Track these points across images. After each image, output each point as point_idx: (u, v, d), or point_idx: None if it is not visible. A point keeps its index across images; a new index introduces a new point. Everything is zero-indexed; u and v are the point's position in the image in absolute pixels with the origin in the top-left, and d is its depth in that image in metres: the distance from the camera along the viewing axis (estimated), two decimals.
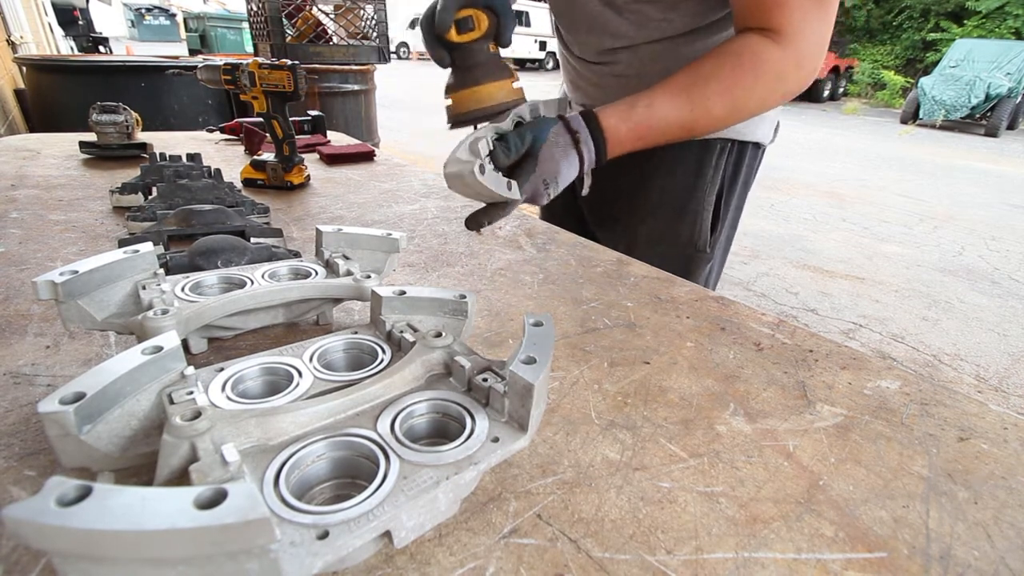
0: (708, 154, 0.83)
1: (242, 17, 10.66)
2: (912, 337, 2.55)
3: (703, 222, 0.85)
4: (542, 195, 0.58)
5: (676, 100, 0.61)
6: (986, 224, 4.45)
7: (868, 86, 15.24)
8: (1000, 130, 9.94)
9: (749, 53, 0.61)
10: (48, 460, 0.33)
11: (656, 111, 0.61)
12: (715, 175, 0.84)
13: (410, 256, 0.68)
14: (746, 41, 0.61)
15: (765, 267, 3.20)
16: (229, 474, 0.25)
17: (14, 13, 3.82)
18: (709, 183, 0.84)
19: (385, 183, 1.03)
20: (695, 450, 0.37)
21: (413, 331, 0.39)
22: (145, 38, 17.44)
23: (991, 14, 13.44)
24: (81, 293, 0.39)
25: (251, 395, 0.35)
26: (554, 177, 0.57)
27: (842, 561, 0.29)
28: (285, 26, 2.57)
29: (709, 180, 0.84)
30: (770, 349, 0.51)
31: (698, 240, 0.86)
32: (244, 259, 0.54)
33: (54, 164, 1.02)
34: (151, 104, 2.42)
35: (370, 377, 0.35)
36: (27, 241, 0.65)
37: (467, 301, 0.42)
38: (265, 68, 0.87)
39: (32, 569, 0.26)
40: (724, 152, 0.83)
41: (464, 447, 0.30)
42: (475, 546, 0.29)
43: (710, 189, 0.84)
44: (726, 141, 0.83)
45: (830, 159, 6.45)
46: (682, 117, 0.62)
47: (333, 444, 0.30)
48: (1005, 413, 0.43)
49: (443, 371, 0.36)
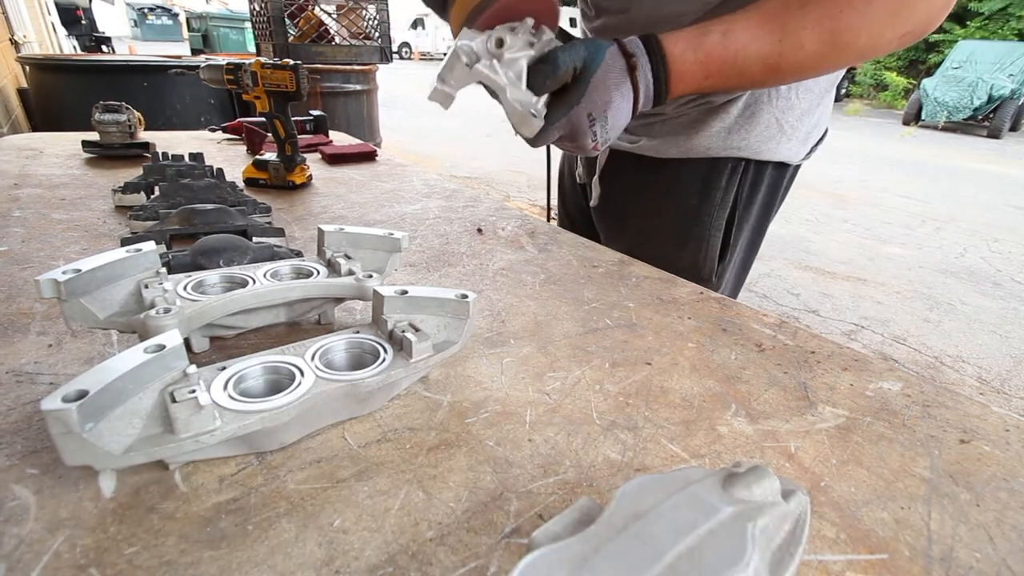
0: (716, 174, 0.73)
1: (245, 17, 10.69)
2: (914, 339, 2.54)
3: (710, 249, 0.75)
4: (586, 133, 0.49)
5: (761, 28, 0.49)
6: (988, 226, 4.44)
7: (870, 87, 15.22)
8: (1003, 132, 9.93)
9: None
10: (51, 458, 0.33)
11: (735, 39, 0.49)
12: (724, 198, 0.73)
13: (411, 256, 0.68)
14: None
15: (767, 268, 3.19)
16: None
17: (17, 13, 3.83)
18: (717, 206, 0.74)
19: (387, 183, 1.03)
20: (696, 451, 0.37)
21: (415, 331, 0.40)
22: (148, 38, 17.47)
23: (994, 15, 13.42)
24: (84, 292, 0.39)
25: (252, 394, 0.35)
26: (603, 111, 0.48)
27: (843, 562, 0.29)
28: (288, 26, 2.59)
29: (717, 203, 0.74)
30: (772, 350, 0.51)
31: (702, 269, 0.76)
32: (246, 258, 0.54)
33: (57, 163, 1.02)
34: (154, 104, 2.43)
35: (372, 378, 0.36)
36: (30, 240, 0.66)
37: (468, 301, 0.42)
38: (268, 68, 0.87)
39: (34, 567, 0.26)
40: (736, 172, 0.73)
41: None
42: (476, 546, 0.29)
43: (719, 213, 0.74)
44: (738, 160, 0.72)
45: (832, 160, 6.45)
46: (766, 50, 0.49)
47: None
48: (1007, 415, 0.43)
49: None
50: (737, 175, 0.73)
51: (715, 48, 0.49)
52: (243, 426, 0.31)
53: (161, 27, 18.41)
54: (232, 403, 0.32)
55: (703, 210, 0.75)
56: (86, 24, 7.55)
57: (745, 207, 0.75)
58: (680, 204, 0.76)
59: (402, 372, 0.37)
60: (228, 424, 0.31)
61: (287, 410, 0.32)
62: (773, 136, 0.71)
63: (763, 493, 0.23)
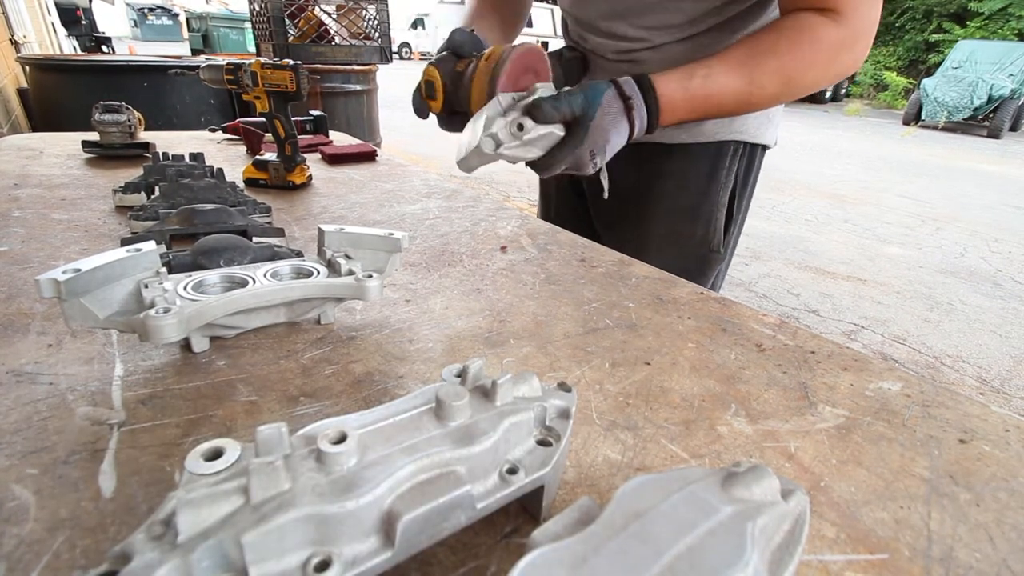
0: (722, 155, 0.82)
1: (244, 17, 10.69)
2: (914, 339, 2.54)
3: (717, 223, 0.85)
4: (587, 165, 0.56)
5: (733, 73, 0.60)
6: (988, 226, 4.44)
7: (870, 87, 15.23)
8: (1003, 131, 9.94)
9: (807, 30, 0.59)
10: (51, 458, 0.33)
11: (714, 82, 0.59)
12: (728, 176, 0.83)
13: (412, 256, 0.68)
14: (803, 18, 0.60)
15: (767, 268, 3.20)
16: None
17: (17, 13, 3.83)
18: (723, 184, 0.83)
19: (387, 183, 1.03)
20: (696, 451, 0.37)
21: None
22: (148, 38, 17.47)
23: (994, 15, 13.42)
24: (84, 291, 0.39)
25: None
26: (602, 147, 0.56)
27: (843, 562, 0.29)
28: (287, 26, 2.59)
29: (723, 181, 0.83)
30: (771, 350, 0.51)
31: (712, 240, 0.86)
32: (246, 258, 0.54)
33: (57, 163, 1.02)
34: (154, 104, 2.43)
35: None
36: (30, 240, 0.66)
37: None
38: (268, 68, 0.87)
39: (34, 567, 0.26)
40: (737, 154, 0.83)
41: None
42: (476, 546, 0.29)
43: (724, 190, 0.84)
44: (739, 143, 0.82)
45: (832, 160, 6.45)
46: (738, 90, 0.60)
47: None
48: (1007, 415, 0.43)
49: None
50: (738, 156, 0.83)
51: (699, 88, 0.59)
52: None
53: (161, 27, 18.41)
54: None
55: (712, 188, 0.84)
56: (86, 24, 7.55)
57: (742, 184, 0.85)
58: (692, 184, 0.84)
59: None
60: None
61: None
62: (763, 123, 0.83)
63: (763, 493, 0.23)
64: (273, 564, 0.21)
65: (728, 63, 0.60)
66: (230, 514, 0.21)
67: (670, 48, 0.75)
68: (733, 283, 2.96)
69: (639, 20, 0.74)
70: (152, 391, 0.39)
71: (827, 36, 0.59)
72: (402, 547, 0.23)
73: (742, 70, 0.60)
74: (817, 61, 0.60)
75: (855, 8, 0.59)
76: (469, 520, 0.25)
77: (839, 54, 0.61)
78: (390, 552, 0.22)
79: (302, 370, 0.43)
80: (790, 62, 0.60)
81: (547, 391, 0.31)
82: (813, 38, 0.59)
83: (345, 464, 0.23)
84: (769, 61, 0.60)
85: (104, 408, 0.37)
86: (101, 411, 0.37)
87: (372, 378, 0.43)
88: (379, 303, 0.55)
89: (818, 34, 0.59)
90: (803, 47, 0.59)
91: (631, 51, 0.77)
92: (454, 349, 0.48)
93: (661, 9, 0.71)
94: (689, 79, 0.59)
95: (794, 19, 0.61)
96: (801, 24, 0.60)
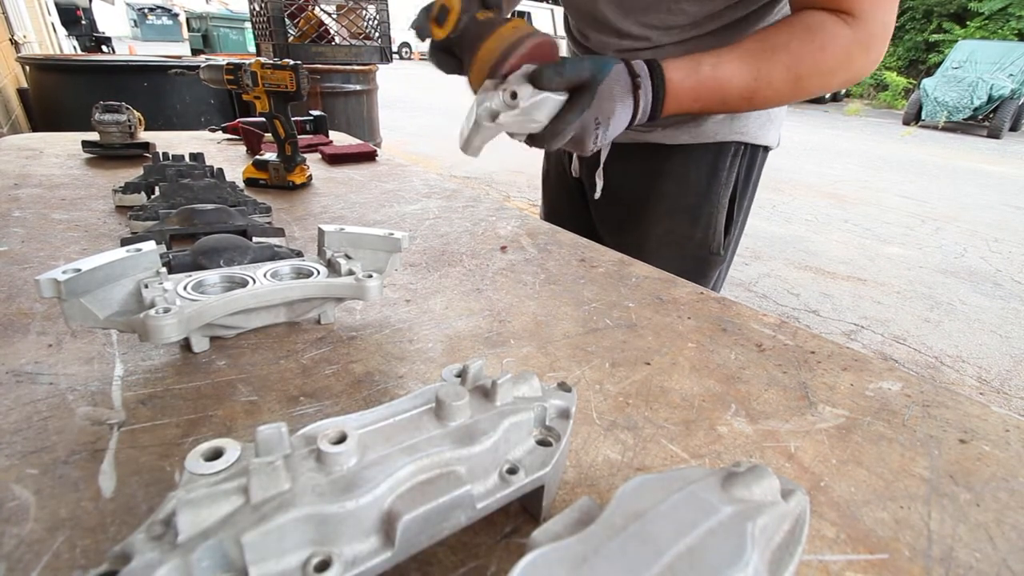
0: (723, 156, 0.82)
1: (244, 17, 10.68)
2: (914, 339, 2.54)
3: (717, 224, 0.84)
4: (591, 134, 0.54)
5: (742, 65, 0.58)
6: (988, 226, 4.44)
7: (870, 87, 15.23)
8: (1003, 131, 9.94)
9: (820, 29, 0.58)
10: (51, 458, 0.33)
11: (721, 73, 0.58)
12: (729, 177, 0.83)
13: (412, 256, 0.68)
14: (817, 17, 0.58)
15: (766, 268, 3.20)
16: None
17: (17, 13, 3.83)
18: (723, 185, 0.83)
19: (387, 183, 1.03)
20: (696, 451, 0.37)
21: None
22: (148, 38, 17.47)
23: (994, 15, 13.43)
24: (84, 291, 0.39)
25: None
26: (607, 118, 0.54)
27: (843, 562, 0.29)
28: (287, 26, 2.58)
29: (723, 183, 0.83)
30: (771, 350, 0.51)
31: (712, 242, 0.85)
32: (246, 258, 0.54)
33: (57, 163, 1.02)
34: (154, 104, 2.43)
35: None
36: (29, 240, 0.66)
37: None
38: (267, 68, 0.87)
39: (34, 567, 0.26)
40: (738, 155, 0.82)
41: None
42: (476, 546, 0.29)
43: (724, 191, 0.83)
44: (740, 144, 0.82)
45: (832, 160, 6.45)
46: (745, 84, 0.59)
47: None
48: (1007, 415, 0.43)
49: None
50: (739, 157, 0.82)
51: (706, 78, 0.58)
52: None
53: (161, 27, 18.41)
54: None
55: (712, 189, 0.83)
56: (86, 24, 7.55)
57: (743, 186, 0.84)
58: (692, 185, 0.84)
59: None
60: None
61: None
62: (764, 123, 0.82)
63: (763, 493, 0.23)
64: (273, 564, 0.21)
65: (737, 55, 0.58)
66: (230, 514, 0.21)
67: (671, 50, 0.74)
68: (733, 283, 2.96)
69: (643, 17, 0.73)
70: (152, 391, 0.39)
71: (841, 37, 0.58)
72: (402, 547, 0.23)
73: (752, 63, 0.58)
74: (829, 62, 0.59)
75: (872, 11, 0.58)
76: (469, 520, 0.25)
77: (852, 57, 0.59)
78: (390, 552, 0.22)
79: (302, 370, 0.43)
80: (801, 60, 0.58)
81: (547, 391, 0.31)
82: (826, 38, 0.58)
83: (345, 464, 0.23)
84: (779, 56, 0.58)
85: (104, 408, 0.37)
86: (101, 411, 0.37)
87: (372, 378, 0.43)
88: (379, 303, 0.55)
89: (832, 34, 0.58)
90: (815, 46, 0.58)
91: (632, 50, 0.77)
92: (454, 349, 0.48)
93: (664, 9, 0.71)
94: (697, 67, 0.57)
95: (809, 17, 0.59)
96: (815, 23, 0.58)
